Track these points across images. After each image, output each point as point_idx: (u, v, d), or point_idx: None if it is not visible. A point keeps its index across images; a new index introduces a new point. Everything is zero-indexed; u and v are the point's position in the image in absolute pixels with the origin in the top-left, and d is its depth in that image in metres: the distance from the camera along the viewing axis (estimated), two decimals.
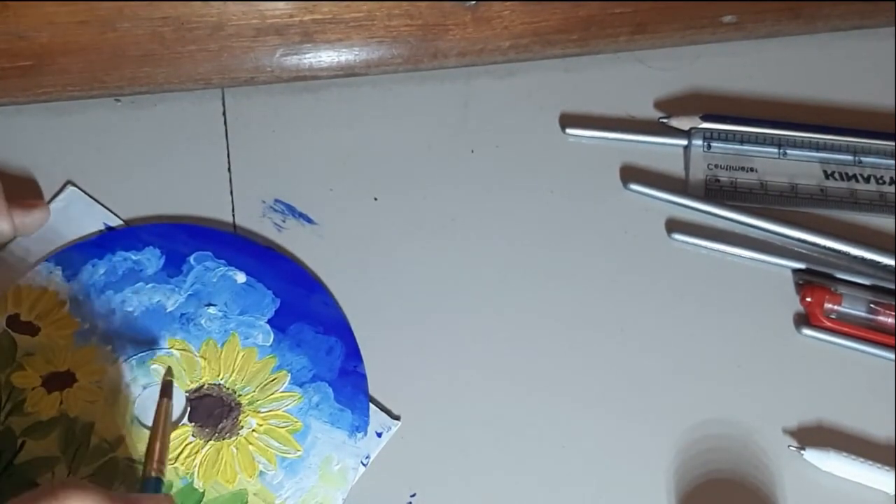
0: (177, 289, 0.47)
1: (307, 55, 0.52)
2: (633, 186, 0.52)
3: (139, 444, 0.44)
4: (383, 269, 0.49)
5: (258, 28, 0.50)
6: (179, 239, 0.49)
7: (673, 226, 0.51)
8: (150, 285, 0.47)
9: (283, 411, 0.45)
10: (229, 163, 0.51)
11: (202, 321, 0.47)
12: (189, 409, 0.45)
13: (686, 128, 0.53)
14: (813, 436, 0.47)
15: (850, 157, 0.53)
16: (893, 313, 0.49)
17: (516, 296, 0.49)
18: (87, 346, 0.46)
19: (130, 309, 0.47)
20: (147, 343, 0.46)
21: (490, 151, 0.53)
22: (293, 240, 0.50)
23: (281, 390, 0.46)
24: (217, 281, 0.48)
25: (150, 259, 0.48)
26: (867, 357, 0.49)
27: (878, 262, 0.50)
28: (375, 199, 0.51)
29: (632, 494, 0.45)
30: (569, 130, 0.53)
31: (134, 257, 0.48)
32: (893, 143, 0.53)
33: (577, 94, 0.54)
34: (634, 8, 0.53)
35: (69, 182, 0.50)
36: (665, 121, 0.53)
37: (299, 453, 0.44)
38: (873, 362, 0.49)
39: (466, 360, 0.48)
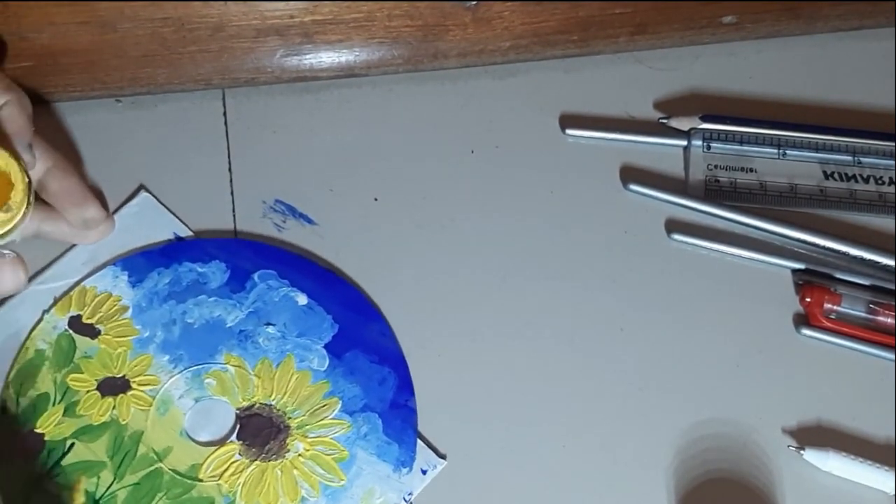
0: (238, 305, 0.47)
1: (307, 56, 0.52)
2: (633, 187, 0.52)
3: (186, 458, 0.44)
4: (382, 270, 0.49)
5: (259, 29, 0.50)
6: (245, 255, 0.48)
7: (673, 226, 0.51)
8: (212, 299, 0.47)
9: (331, 438, 0.45)
10: (230, 163, 0.51)
11: (260, 340, 0.47)
12: (238, 426, 0.45)
13: (686, 128, 0.53)
14: (812, 436, 0.47)
15: (849, 158, 0.53)
16: (893, 313, 0.49)
17: (515, 296, 0.49)
18: (145, 354, 0.46)
19: (191, 321, 0.47)
20: (203, 357, 0.46)
21: (490, 152, 0.53)
22: (293, 240, 0.50)
23: (331, 417, 0.45)
24: (279, 301, 0.47)
25: (216, 273, 0.48)
26: (867, 357, 0.49)
27: (878, 263, 0.50)
28: (375, 199, 0.51)
29: (632, 494, 0.45)
30: (569, 131, 0.53)
31: (199, 269, 0.48)
32: (893, 144, 0.53)
33: (577, 95, 0.54)
34: (634, 8, 0.53)
35: (143, 187, 0.50)
36: (665, 121, 0.53)
37: (343, 482, 0.44)
38: (873, 362, 0.49)
39: (465, 360, 0.48)
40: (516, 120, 0.54)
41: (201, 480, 0.43)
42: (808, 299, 0.49)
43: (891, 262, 0.50)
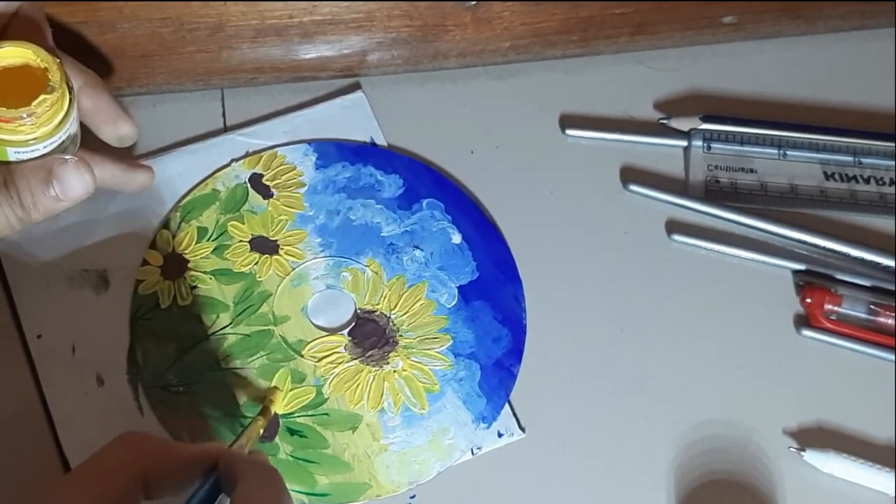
0: (399, 220, 0.50)
1: (307, 56, 0.52)
2: (633, 187, 0.52)
3: (298, 331, 0.47)
4: None
5: (258, 29, 0.50)
6: (423, 180, 0.51)
7: (673, 227, 0.51)
8: (378, 206, 0.50)
9: (430, 369, 0.47)
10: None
11: (404, 258, 0.49)
12: (353, 324, 0.47)
13: (686, 129, 0.53)
14: (813, 437, 0.47)
15: (850, 158, 0.53)
16: (893, 314, 0.49)
17: None
18: (301, 230, 0.49)
19: (353, 217, 0.50)
20: (349, 252, 0.49)
21: (490, 152, 0.53)
22: None
23: (437, 350, 0.47)
24: (435, 231, 0.50)
25: (391, 185, 0.51)
26: (867, 358, 0.49)
27: (878, 264, 0.50)
28: None
29: (632, 494, 0.45)
30: (569, 131, 0.53)
31: (379, 177, 0.51)
32: (893, 144, 0.53)
33: (577, 95, 0.54)
34: (634, 8, 0.53)
35: (360, 87, 0.53)
36: (665, 122, 0.53)
37: (424, 412, 0.46)
38: (873, 363, 0.49)
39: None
40: (516, 120, 0.54)
41: (302, 356, 0.46)
42: (808, 300, 0.49)
43: (891, 263, 0.50)
